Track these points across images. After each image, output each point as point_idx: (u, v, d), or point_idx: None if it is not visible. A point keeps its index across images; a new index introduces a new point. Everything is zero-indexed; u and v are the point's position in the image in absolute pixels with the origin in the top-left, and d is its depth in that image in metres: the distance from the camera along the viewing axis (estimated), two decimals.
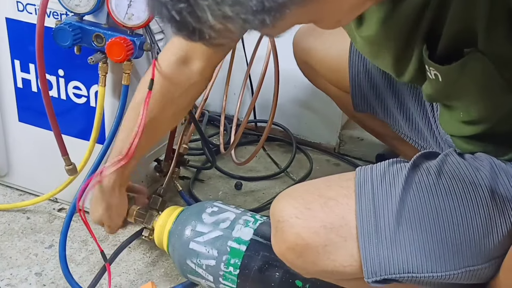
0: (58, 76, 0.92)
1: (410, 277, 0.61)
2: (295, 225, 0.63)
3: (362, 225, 0.61)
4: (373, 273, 0.61)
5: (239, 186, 1.19)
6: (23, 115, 0.98)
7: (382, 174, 0.64)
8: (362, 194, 0.63)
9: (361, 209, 0.62)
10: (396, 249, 0.61)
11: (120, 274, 0.90)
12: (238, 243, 0.77)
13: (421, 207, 0.61)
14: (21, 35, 0.91)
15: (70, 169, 0.91)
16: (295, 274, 0.74)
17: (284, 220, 0.64)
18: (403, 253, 0.60)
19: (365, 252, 0.61)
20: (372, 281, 0.61)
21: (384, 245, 0.61)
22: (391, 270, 0.61)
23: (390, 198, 0.62)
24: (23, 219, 1.01)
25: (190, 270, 0.80)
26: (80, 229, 0.99)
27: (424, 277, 0.61)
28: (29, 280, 0.87)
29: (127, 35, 0.82)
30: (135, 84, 0.91)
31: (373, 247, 0.61)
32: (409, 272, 0.60)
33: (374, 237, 0.61)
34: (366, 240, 0.61)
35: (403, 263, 0.60)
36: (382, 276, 0.61)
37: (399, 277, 0.61)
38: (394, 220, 0.61)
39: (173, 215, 0.85)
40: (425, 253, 0.60)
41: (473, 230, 0.60)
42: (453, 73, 0.57)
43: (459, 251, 0.60)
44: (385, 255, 0.61)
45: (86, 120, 0.92)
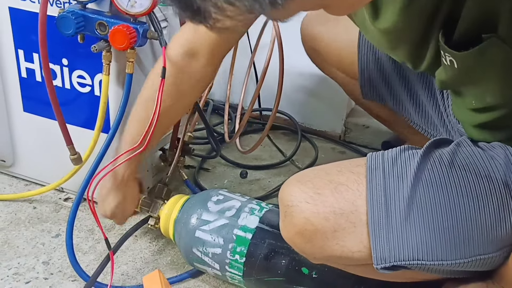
0: (62, 65, 0.91)
1: (419, 264, 0.60)
2: (304, 210, 0.63)
3: (372, 211, 0.61)
4: (382, 259, 0.61)
5: (245, 174, 1.18)
6: (28, 105, 0.98)
7: (393, 160, 0.64)
8: (373, 180, 0.63)
9: (372, 195, 0.62)
10: (406, 236, 0.60)
11: (126, 263, 0.90)
12: (244, 231, 0.77)
13: (433, 195, 0.61)
14: (24, 25, 0.91)
15: (75, 159, 0.91)
16: (301, 261, 0.74)
17: (294, 205, 0.64)
18: (413, 240, 0.60)
19: (375, 238, 0.61)
20: (381, 267, 0.61)
21: (394, 232, 0.60)
22: (400, 257, 0.60)
23: (402, 185, 0.62)
24: (30, 209, 1.01)
25: (196, 258, 0.81)
26: (87, 219, 0.99)
27: (434, 265, 0.61)
28: (37, 269, 0.87)
29: (130, 23, 0.82)
30: (139, 73, 0.91)
31: (383, 233, 0.60)
32: (418, 260, 0.60)
33: (384, 224, 0.61)
34: (376, 226, 0.61)
35: (413, 251, 0.60)
36: (392, 263, 0.61)
37: (408, 264, 0.61)
38: (405, 207, 0.61)
39: (179, 204, 0.85)
40: (436, 241, 0.60)
41: (485, 219, 0.60)
42: (469, 59, 0.55)
43: (470, 240, 0.60)
44: (395, 242, 0.60)
45: (90, 109, 0.92)
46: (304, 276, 0.73)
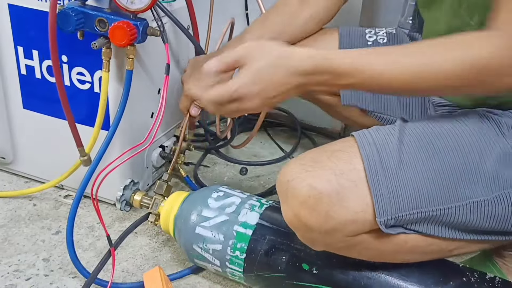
0: (62, 62, 0.91)
1: (418, 213, 0.64)
2: (305, 177, 0.64)
3: (369, 166, 0.64)
4: (384, 211, 0.63)
5: (244, 171, 1.19)
6: (28, 102, 0.98)
7: (377, 128, 0.68)
8: (363, 141, 0.66)
9: (365, 152, 0.64)
10: (402, 185, 0.63)
11: (127, 260, 0.90)
12: (244, 228, 0.77)
13: (418, 142, 0.65)
14: (24, 22, 0.91)
15: (85, 160, 0.91)
16: (302, 257, 0.74)
17: (294, 178, 0.65)
18: (409, 188, 0.63)
19: (375, 190, 0.63)
20: (383, 221, 0.63)
21: (391, 183, 0.63)
22: (400, 207, 0.63)
23: (389, 139, 0.65)
24: (30, 206, 1.01)
25: (196, 254, 0.81)
26: (87, 216, 0.99)
27: (431, 212, 0.64)
28: (37, 266, 0.87)
29: (130, 20, 0.81)
30: (139, 69, 0.91)
31: (382, 185, 0.63)
32: (416, 208, 0.63)
33: (382, 175, 0.63)
34: (375, 180, 0.63)
35: (410, 199, 0.63)
36: (393, 215, 0.63)
37: (408, 215, 0.63)
38: (397, 158, 0.64)
39: (179, 200, 0.85)
40: (428, 187, 0.64)
41: (464, 161, 0.64)
42: None
43: (458, 182, 0.64)
44: (394, 192, 0.63)
45: (90, 106, 0.92)
46: (305, 272, 0.73)
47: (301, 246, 0.74)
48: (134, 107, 0.92)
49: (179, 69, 1.05)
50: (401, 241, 0.66)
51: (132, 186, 0.96)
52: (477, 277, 0.71)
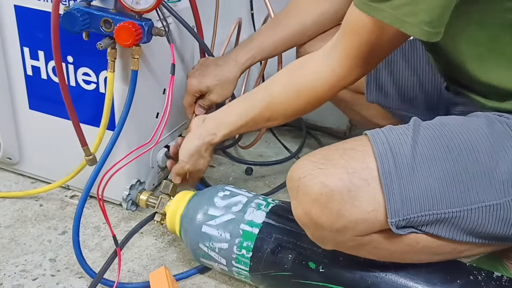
0: (67, 62, 0.92)
1: (430, 215, 0.63)
2: (317, 175, 0.64)
3: (382, 165, 0.63)
4: (396, 212, 0.63)
5: (250, 171, 1.19)
6: (34, 103, 0.99)
7: (390, 128, 0.68)
8: (377, 140, 0.65)
9: (378, 151, 0.64)
10: (415, 186, 0.63)
11: (132, 260, 0.90)
12: (250, 226, 0.77)
13: (431, 143, 0.65)
14: (29, 22, 0.91)
15: (91, 159, 0.91)
16: (308, 256, 0.74)
17: (306, 175, 0.65)
18: (422, 189, 0.63)
19: (387, 190, 0.62)
20: (395, 222, 0.63)
21: (404, 184, 0.63)
22: (412, 209, 0.63)
23: (403, 139, 0.65)
24: (36, 206, 1.02)
25: (202, 253, 0.81)
26: (93, 216, 1.00)
27: (443, 214, 0.63)
28: (44, 266, 0.88)
29: (135, 20, 0.82)
30: (144, 69, 0.91)
31: (395, 185, 0.63)
32: (428, 210, 0.63)
33: (394, 175, 0.63)
34: (388, 179, 0.63)
35: (422, 200, 0.63)
36: (405, 216, 0.63)
37: (420, 216, 0.63)
38: (411, 159, 0.64)
39: (185, 200, 0.85)
40: (441, 189, 0.63)
41: (478, 165, 0.64)
42: None
43: (471, 186, 0.64)
44: (406, 193, 0.63)
45: (96, 107, 0.92)
46: (311, 271, 0.73)
47: (307, 245, 0.74)
48: (140, 107, 0.92)
49: (184, 69, 1.05)
50: (412, 241, 0.66)
51: (138, 186, 0.96)
52: (484, 275, 0.70)
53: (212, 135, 0.85)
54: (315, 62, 0.74)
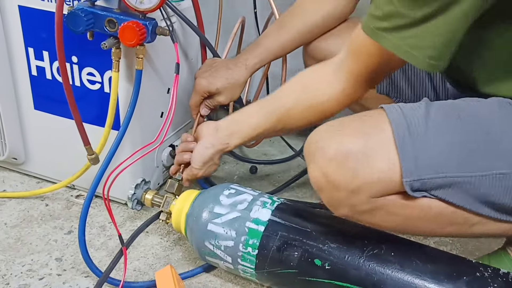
0: (72, 63, 0.92)
1: (442, 178, 0.65)
2: (334, 136, 0.67)
3: (396, 128, 0.66)
4: (410, 172, 0.65)
5: (254, 170, 1.19)
6: (39, 103, 0.99)
7: (403, 103, 0.70)
8: (391, 109, 0.68)
9: (393, 116, 0.67)
10: (428, 149, 0.65)
11: (138, 259, 0.91)
12: (256, 224, 0.77)
13: (444, 113, 0.67)
14: (34, 23, 0.92)
15: (93, 158, 0.91)
16: (314, 253, 0.74)
17: (323, 138, 0.68)
18: (435, 153, 0.65)
19: (402, 150, 0.65)
20: (409, 182, 0.64)
21: (417, 146, 0.65)
22: (426, 169, 0.65)
23: (417, 110, 0.68)
24: (42, 206, 1.02)
25: (208, 252, 0.81)
26: (98, 215, 1.00)
27: (455, 178, 0.65)
28: (50, 265, 0.88)
29: (139, 19, 0.82)
30: (148, 69, 0.92)
31: (409, 147, 0.65)
32: (441, 172, 0.65)
33: (408, 138, 0.65)
34: (401, 140, 0.65)
35: (435, 162, 0.65)
36: (419, 176, 0.64)
37: (433, 178, 0.65)
38: (423, 124, 0.66)
39: (190, 198, 0.85)
40: (453, 154, 0.65)
41: (492, 132, 0.66)
42: None
43: (483, 152, 0.66)
44: (420, 154, 0.65)
45: (100, 106, 0.92)
46: (317, 268, 0.73)
47: (313, 242, 0.74)
48: (144, 107, 0.92)
49: (189, 68, 1.06)
50: (425, 206, 0.67)
51: (143, 185, 0.96)
52: (490, 272, 0.70)
53: (225, 145, 0.87)
54: (326, 80, 0.76)
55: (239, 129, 0.86)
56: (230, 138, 0.86)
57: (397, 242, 0.75)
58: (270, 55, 1.00)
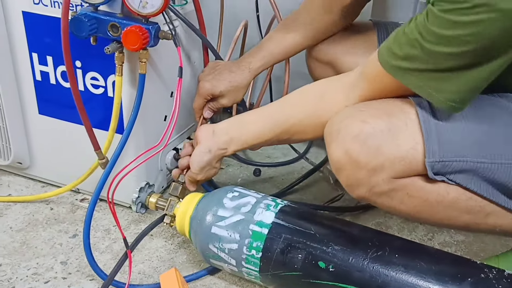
0: (76, 67, 0.92)
1: (464, 162, 0.66)
2: (359, 115, 0.68)
3: (420, 110, 0.67)
4: (433, 152, 0.65)
5: (258, 172, 1.19)
6: (43, 108, 1.00)
7: None
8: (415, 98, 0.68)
9: (417, 100, 0.67)
10: (452, 133, 0.66)
11: (143, 262, 0.91)
12: (260, 227, 0.78)
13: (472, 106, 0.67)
14: (38, 28, 0.92)
15: (103, 163, 0.92)
16: (318, 255, 0.74)
17: (348, 116, 0.69)
18: (457, 137, 0.66)
19: (426, 130, 0.65)
20: (431, 163, 0.65)
21: (441, 129, 0.66)
22: (448, 152, 0.65)
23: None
24: (47, 210, 1.03)
25: (212, 254, 0.81)
26: (103, 219, 1.00)
27: (476, 164, 0.66)
28: (55, 269, 0.88)
29: (142, 24, 0.82)
30: (152, 73, 0.92)
31: (433, 128, 0.66)
32: (463, 156, 0.66)
33: (433, 121, 0.66)
34: (426, 121, 0.66)
35: (458, 146, 0.66)
36: (441, 158, 0.65)
37: (454, 161, 0.66)
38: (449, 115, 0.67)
39: (194, 201, 0.85)
40: (475, 140, 0.66)
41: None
42: None
43: (504, 142, 0.67)
44: (443, 137, 0.66)
45: (104, 111, 0.93)
46: (321, 270, 0.73)
47: (317, 244, 0.74)
48: (148, 111, 0.93)
49: (192, 71, 1.06)
50: (442, 191, 0.68)
51: (147, 189, 0.96)
52: (495, 273, 0.70)
53: (223, 150, 0.86)
54: (336, 101, 0.76)
55: (239, 136, 0.85)
56: (229, 144, 0.85)
57: (400, 244, 0.75)
58: (273, 59, 1.00)
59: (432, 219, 0.73)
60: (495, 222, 0.72)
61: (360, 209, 1.06)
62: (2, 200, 1.04)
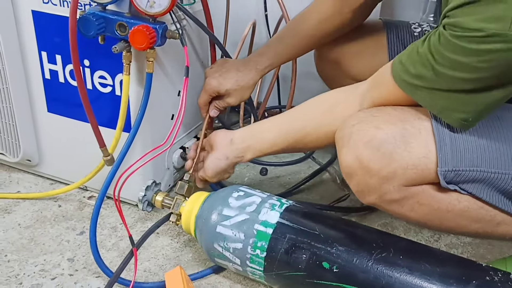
0: (84, 66, 0.93)
1: (476, 172, 0.65)
2: (372, 120, 0.67)
3: (435, 118, 0.66)
4: (446, 162, 0.65)
5: (264, 172, 1.19)
6: (52, 106, 1.01)
7: None
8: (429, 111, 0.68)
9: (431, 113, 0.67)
10: (465, 142, 0.65)
11: (149, 259, 0.91)
12: (264, 226, 0.78)
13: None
14: (47, 27, 0.93)
15: (109, 160, 0.93)
16: (322, 256, 0.74)
17: (360, 121, 0.68)
18: (471, 146, 0.65)
19: (439, 138, 0.65)
20: (444, 172, 0.65)
21: (455, 138, 0.65)
22: (461, 162, 0.65)
23: None
24: (55, 207, 1.04)
25: (217, 253, 0.81)
26: (110, 216, 1.01)
27: (488, 174, 0.65)
28: (62, 266, 0.89)
29: (149, 23, 0.83)
30: (159, 72, 0.93)
31: (447, 137, 0.65)
32: (476, 166, 0.65)
33: (447, 129, 0.65)
34: (440, 129, 0.65)
35: (471, 156, 0.65)
36: (454, 167, 0.64)
37: (467, 171, 0.65)
38: None
39: (200, 200, 0.85)
40: (490, 150, 0.66)
41: None
42: None
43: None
44: (457, 146, 0.65)
45: (112, 109, 0.94)
46: (326, 271, 0.73)
47: (321, 245, 0.74)
48: (155, 109, 0.93)
49: (199, 71, 1.06)
50: (454, 200, 0.68)
51: (154, 187, 0.97)
52: (501, 276, 0.69)
53: (240, 158, 0.88)
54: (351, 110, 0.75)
55: (255, 145, 0.86)
56: (245, 152, 0.87)
57: (405, 245, 0.75)
58: (281, 59, 1.00)
59: (442, 227, 0.73)
60: (506, 231, 0.72)
61: (366, 209, 1.05)
62: (11, 197, 1.05)
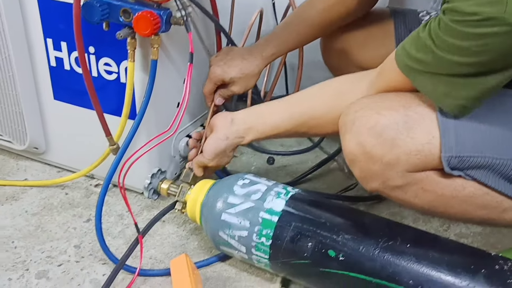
0: (89, 53, 0.93)
1: (480, 158, 0.64)
2: (375, 107, 0.66)
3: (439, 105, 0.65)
4: (450, 147, 0.64)
5: (271, 161, 1.18)
6: (58, 93, 1.00)
7: None
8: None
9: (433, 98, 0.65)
10: (469, 128, 0.64)
11: (154, 247, 0.91)
12: (270, 214, 0.77)
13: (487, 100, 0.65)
14: (52, 14, 0.93)
15: (114, 149, 0.92)
16: (328, 244, 0.73)
17: (363, 107, 0.67)
18: (475, 132, 0.64)
19: (443, 124, 0.64)
20: (448, 157, 0.64)
21: (459, 124, 0.64)
22: (465, 147, 0.64)
23: None
24: (62, 194, 1.04)
25: (223, 241, 0.81)
26: (116, 204, 1.01)
27: (492, 160, 0.64)
28: (68, 252, 0.89)
29: (153, 9, 0.82)
30: (164, 58, 0.92)
31: (450, 123, 0.64)
32: (480, 152, 0.64)
33: (450, 115, 0.64)
34: (443, 116, 0.64)
35: (475, 142, 0.64)
36: (458, 153, 0.64)
37: (471, 157, 0.64)
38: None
39: (205, 188, 0.85)
40: (494, 136, 0.65)
41: None
42: None
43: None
44: (460, 132, 0.64)
45: (117, 96, 0.93)
46: (331, 259, 0.72)
47: (327, 233, 0.74)
48: (160, 97, 0.92)
49: (205, 58, 1.05)
50: (458, 186, 0.67)
51: (160, 175, 0.97)
52: (511, 265, 0.68)
53: (240, 138, 0.86)
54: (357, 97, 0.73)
55: (257, 126, 0.84)
56: (247, 132, 0.85)
57: (412, 234, 0.74)
58: (286, 47, 0.99)
59: (447, 214, 0.72)
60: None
61: (374, 199, 1.04)
62: (18, 184, 1.05)
